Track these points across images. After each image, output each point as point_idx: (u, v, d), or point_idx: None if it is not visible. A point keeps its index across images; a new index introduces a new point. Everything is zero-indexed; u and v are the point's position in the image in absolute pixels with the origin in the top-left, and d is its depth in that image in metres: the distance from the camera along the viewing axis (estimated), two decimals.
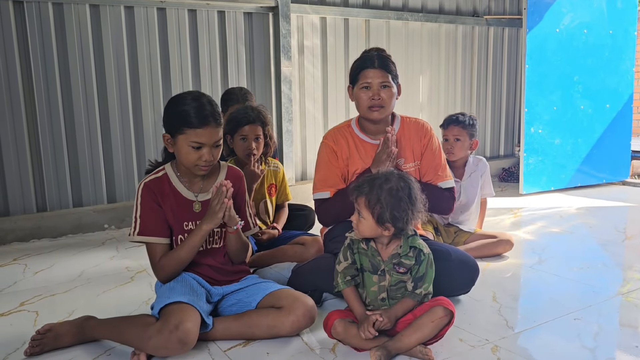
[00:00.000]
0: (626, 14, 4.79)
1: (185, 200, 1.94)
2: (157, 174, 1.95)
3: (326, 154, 2.31)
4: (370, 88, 2.19)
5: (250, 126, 2.68)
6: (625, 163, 4.97)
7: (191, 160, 1.87)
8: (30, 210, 3.43)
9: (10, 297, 2.41)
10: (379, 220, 1.75)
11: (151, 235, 1.90)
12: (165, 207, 1.91)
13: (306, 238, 2.79)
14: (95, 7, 3.49)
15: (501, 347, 1.86)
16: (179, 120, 1.84)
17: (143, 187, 1.91)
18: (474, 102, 5.40)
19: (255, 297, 1.94)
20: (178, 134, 1.85)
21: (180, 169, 1.96)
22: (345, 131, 2.34)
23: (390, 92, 2.21)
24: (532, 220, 3.72)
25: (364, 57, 2.26)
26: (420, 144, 2.34)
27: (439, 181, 2.34)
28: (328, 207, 2.29)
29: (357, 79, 2.24)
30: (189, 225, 1.94)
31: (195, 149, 1.85)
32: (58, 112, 3.44)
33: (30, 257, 3.05)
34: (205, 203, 1.95)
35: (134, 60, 3.65)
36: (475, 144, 2.98)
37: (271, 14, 4.12)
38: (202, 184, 1.98)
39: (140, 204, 1.90)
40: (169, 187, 1.93)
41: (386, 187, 1.76)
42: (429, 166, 2.34)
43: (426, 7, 4.98)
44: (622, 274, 2.65)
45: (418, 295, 1.80)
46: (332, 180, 2.29)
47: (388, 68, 2.21)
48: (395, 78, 2.25)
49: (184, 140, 1.84)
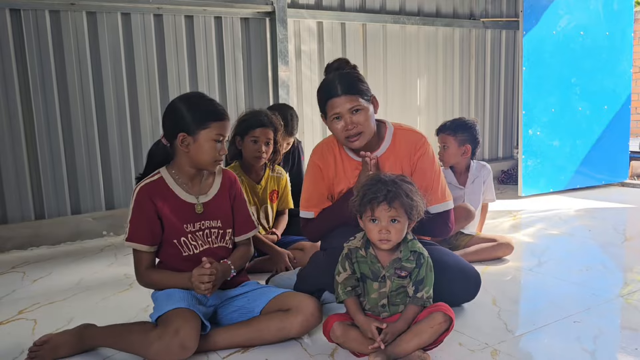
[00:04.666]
0: (622, 16, 4.80)
1: (186, 203, 1.94)
2: (152, 177, 1.94)
3: (312, 171, 2.21)
4: (341, 118, 2.02)
5: (262, 129, 2.70)
6: (623, 164, 4.97)
7: (213, 156, 1.89)
8: (29, 218, 3.43)
9: (9, 306, 2.40)
10: (411, 214, 1.77)
11: (138, 242, 1.89)
12: (164, 211, 1.90)
13: (305, 243, 2.79)
14: (92, 14, 3.49)
15: (501, 350, 1.85)
16: (203, 116, 1.87)
17: (139, 190, 1.90)
18: (472, 105, 5.41)
19: (258, 303, 1.94)
20: (201, 130, 1.86)
21: (180, 171, 1.95)
22: (334, 147, 2.18)
23: (364, 115, 2.01)
24: (531, 222, 3.71)
25: (326, 84, 2.08)
26: (410, 162, 2.14)
27: (428, 205, 1.98)
28: (313, 227, 2.23)
29: (325, 111, 2.06)
30: (189, 227, 1.94)
31: (217, 142, 1.88)
32: (55, 119, 3.44)
33: (29, 265, 3.04)
34: (206, 204, 1.97)
35: (131, 67, 3.65)
36: (468, 149, 2.94)
37: (268, 19, 4.13)
38: (201, 186, 1.98)
39: (133, 208, 1.90)
40: (166, 191, 1.92)
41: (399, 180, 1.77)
42: (418, 187, 1.92)
43: (423, 10, 4.99)
44: (622, 276, 2.64)
45: (420, 299, 1.79)
46: (316, 199, 2.20)
47: (354, 90, 2.01)
48: (367, 95, 2.04)
49: (208, 134, 1.87)
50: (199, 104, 1.91)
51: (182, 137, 1.88)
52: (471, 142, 2.95)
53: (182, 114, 1.89)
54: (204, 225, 1.96)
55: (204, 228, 1.96)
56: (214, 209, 1.98)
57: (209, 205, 1.97)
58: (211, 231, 1.98)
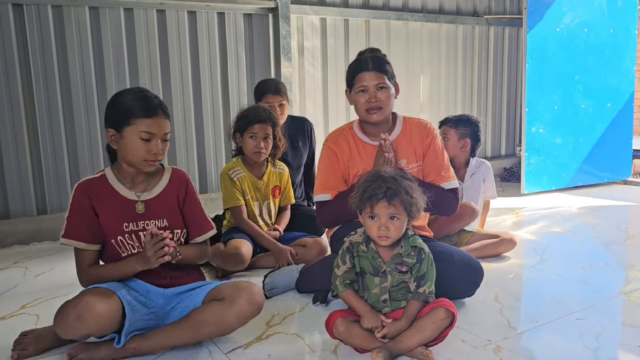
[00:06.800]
0: (626, 13, 4.78)
1: (126, 201, 1.86)
2: (95, 175, 1.89)
3: (327, 156, 2.32)
4: (366, 91, 2.19)
5: (260, 125, 2.71)
6: (626, 162, 4.96)
7: (140, 155, 1.79)
8: (31, 213, 3.43)
9: (11, 300, 2.41)
10: (411, 212, 1.76)
11: (77, 240, 1.81)
12: (101, 208, 1.83)
13: (307, 240, 2.79)
14: (95, 10, 3.49)
15: (503, 347, 1.85)
16: (127, 112, 1.77)
17: (76, 187, 1.83)
18: (475, 102, 5.39)
19: (199, 298, 1.84)
20: (125, 126, 1.77)
21: (122, 170, 1.88)
22: (347, 133, 2.33)
23: (387, 93, 2.20)
24: (534, 220, 3.71)
25: (358, 60, 2.27)
26: (422, 145, 2.32)
27: (442, 182, 2.30)
28: (329, 209, 2.28)
29: (353, 83, 2.24)
30: (129, 226, 1.85)
31: (144, 140, 1.78)
32: (58, 114, 3.43)
33: (31, 260, 3.04)
34: (148, 203, 1.88)
35: (133, 62, 3.65)
36: (467, 143, 2.98)
37: (271, 15, 4.12)
38: (145, 184, 1.90)
39: (70, 205, 1.83)
40: (106, 188, 1.85)
41: (399, 177, 1.76)
42: (431, 167, 2.31)
43: (426, 7, 4.98)
44: (624, 274, 2.64)
45: (422, 294, 1.79)
46: (333, 182, 2.29)
47: (383, 69, 2.20)
48: (392, 78, 2.24)
49: (133, 131, 1.77)
50: (125, 99, 1.80)
51: (110, 133, 1.81)
52: (472, 137, 2.99)
53: (110, 109, 1.82)
54: (149, 225, 1.86)
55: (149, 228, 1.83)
56: (159, 208, 1.89)
57: (152, 203, 1.88)
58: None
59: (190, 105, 3.87)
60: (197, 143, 3.92)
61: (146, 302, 1.83)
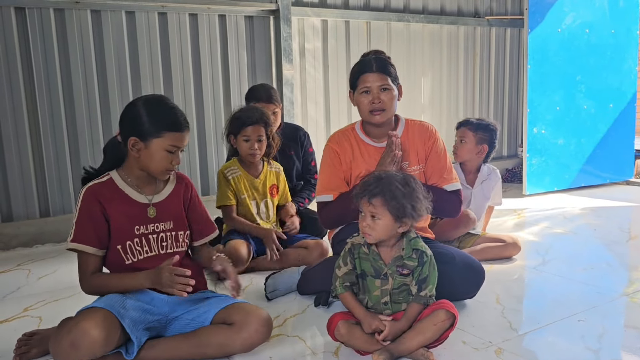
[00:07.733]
0: (628, 13, 4.78)
1: (138, 204, 1.85)
2: (102, 179, 1.85)
3: (329, 157, 2.32)
4: (369, 92, 2.20)
5: (253, 127, 2.72)
6: (629, 162, 4.95)
7: (164, 165, 1.81)
8: (34, 216, 3.44)
9: (14, 303, 2.42)
10: (398, 216, 1.74)
11: (83, 243, 1.77)
12: (113, 212, 1.81)
13: (309, 242, 2.80)
14: (97, 13, 3.50)
15: (505, 349, 1.85)
16: (158, 124, 1.78)
17: (85, 191, 1.80)
18: (477, 103, 5.39)
19: (208, 315, 1.83)
20: (154, 138, 1.77)
21: (131, 174, 1.86)
22: (350, 134, 2.34)
23: (390, 95, 2.20)
24: (536, 221, 3.70)
25: (362, 61, 2.28)
26: (425, 147, 2.32)
27: (445, 184, 2.31)
28: (330, 210, 2.29)
29: (356, 84, 2.24)
30: (140, 229, 1.84)
31: (169, 152, 1.79)
32: (60, 117, 3.45)
33: (34, 263, 3.05)
34: (159, 205, 1.88)
35: (135, 66, 3.66)
36: (484, 149, 2.96)
37: (272, 17, 4.12)
38: (154, 188, 1.90)
39: (79, 209, 1.80)
40: (116, 192, 1.83)
41: (396, 181, 1.76)
42: (434, 169, 2.32)
43: (427, 8, 4.98)
44: (627, 275, 2.64)
45: (423, 297, 1.80)
46: (335, 183, 2.29)
47: (387, 71, 2.21)
48: (395, 80, 2.25)
49: (160, 144, 1.78)
50: (157, 111, 1.80)
51: (133, 141, 1.79)
52: (489, 144, 2.98)
53: (138, 118, 1.79)
54: (158, 228, 1.87)
55: (158, 231, 1.86)
56: (167, 211, 1.90)
57: (161, 206, 1.88)
58: (166, 235, 1.89)
59: (192, 108, 3.87)
60: (199, 145, 3.93)
61: (150, 309, 1.82)
